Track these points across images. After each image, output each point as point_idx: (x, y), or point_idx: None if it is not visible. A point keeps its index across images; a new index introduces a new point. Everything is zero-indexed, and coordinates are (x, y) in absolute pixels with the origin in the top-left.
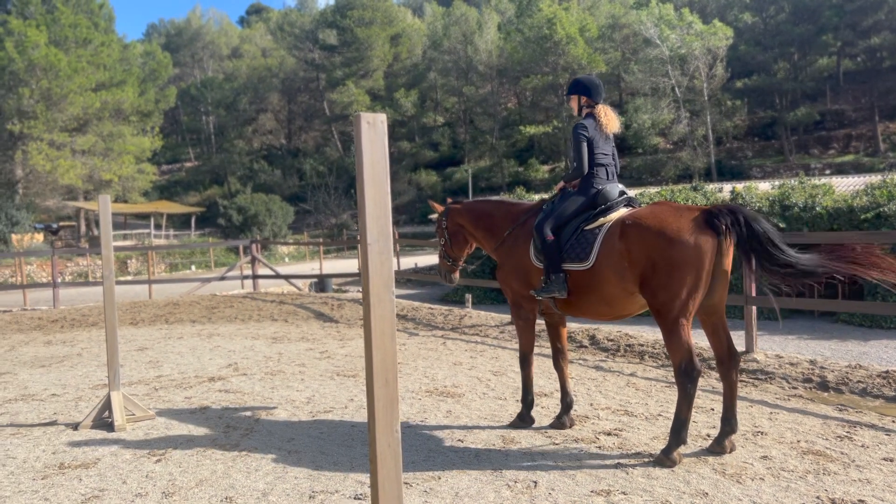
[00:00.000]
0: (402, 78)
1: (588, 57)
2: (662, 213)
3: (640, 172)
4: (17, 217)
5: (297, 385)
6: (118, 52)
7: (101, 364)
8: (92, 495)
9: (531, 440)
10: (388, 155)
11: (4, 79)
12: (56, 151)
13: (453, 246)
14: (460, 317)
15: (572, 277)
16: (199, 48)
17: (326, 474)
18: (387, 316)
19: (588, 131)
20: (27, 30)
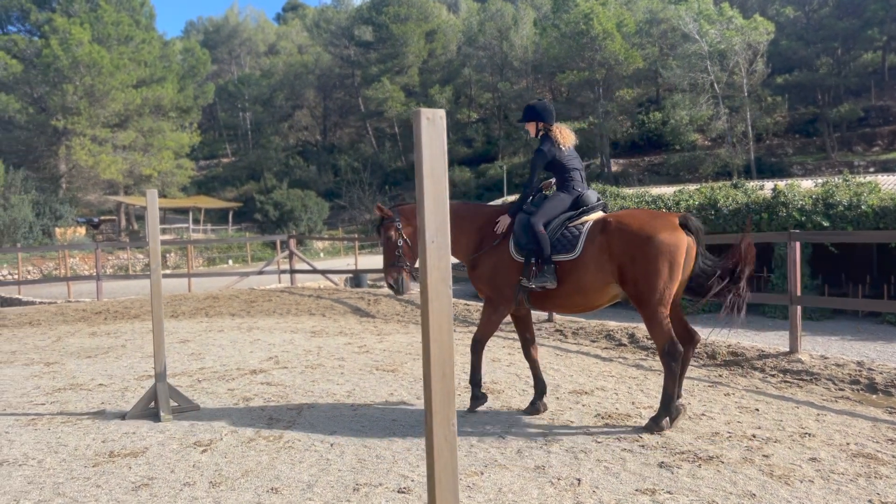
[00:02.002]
0: (437, 74)
1: (625, 52)
2: (641, 215)
3: (677, 169)
4: (61, 211)
5: (338, 379)
6: (158, 49)
7: (144, 355)
8: (141, 483)
9: (573, 438)
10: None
11: (49, 76)
12: (98, 147)
13: (414, 248)
14: None
15: (560, 267)
16: (237, 45)
17: (369, 467)
18: (444, 310)
19: (546, 155)
20: (71, 27)
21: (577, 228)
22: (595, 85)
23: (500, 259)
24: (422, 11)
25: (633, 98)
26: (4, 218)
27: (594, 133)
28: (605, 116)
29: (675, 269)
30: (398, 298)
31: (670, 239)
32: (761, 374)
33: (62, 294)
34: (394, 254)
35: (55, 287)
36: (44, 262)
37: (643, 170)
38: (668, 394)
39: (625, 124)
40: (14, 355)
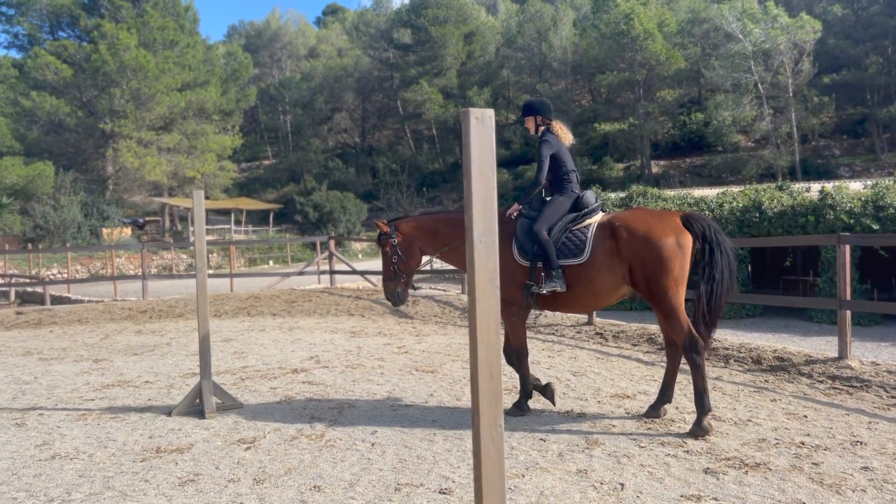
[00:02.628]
0: (475, 76)
1: (666, 52)
2: (646, 216)
3: (719, 171)
4: (108, 212)
5: (378, 379)
6: (202, 53)
7: (189, 354)
8: (188, 479)
9: (616, 442)
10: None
11: (98, 80)
12: (144, 149)
13: (409, 261)
14: (535, 315)
15: (570, 272)
16: (278, 49)
17: (410, 468)
18: (492, 310)
19: (552, 146)
20: (119, 33)
21: (581, 232)
22: (635, 86)
23: (505, 262)
24: (461, 13)
25: (675, 99)
26: (55, 218)
27: (634, 134)
28: (645, 117)
29: (683, 268)
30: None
31: (678, 240)
32: (809, 379)
33: (109, 293)
34: (390, 269)
35: (102, 286)
36: (91, 261)
37: (684, 171)
38: (699, 390)
39: (666, 125)
40: (64, 352)
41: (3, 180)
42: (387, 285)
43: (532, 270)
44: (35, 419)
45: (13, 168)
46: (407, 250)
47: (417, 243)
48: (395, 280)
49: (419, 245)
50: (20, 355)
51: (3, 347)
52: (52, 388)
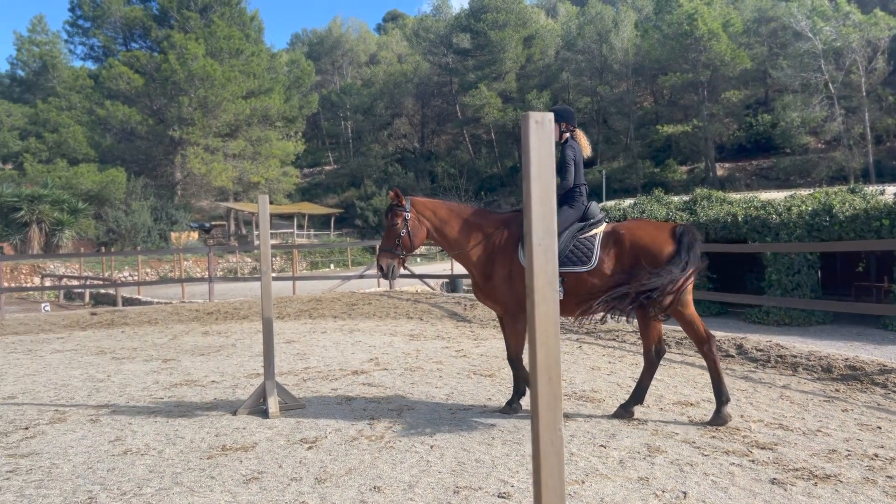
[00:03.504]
0: (535, 79)
1: (732, 53)
2: (647, 227)
3: (787, 173)
4: (176, 216)
5: (436, 382)
6: (266, 61)
7: (253, 355)
8: (252, 477)
9: (678, 450)
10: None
11: (167, 89)
12: (210, 155)
13: (413, 239)
14: (595, 321)
15: (571, 278)
16: (339, 56)
17: (469, 471)
18: (551, 314)
19: (576, 152)
20: (188, 43)
21: (588, 240)
22: (699, 87)
23: (514, 267)
24: (520, 17)
25: (740, 100)
26: (126, 223)
27: (698, 136)
28: (709, 119)
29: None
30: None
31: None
32: (883, 389)
33: (177, 295)
34: (394, 241)
35: (170, 288)
36: (160, 264)
37: (750, 174)
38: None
39: (731, 127)
40: (135, 351)
41: (78, 186)
42: (384, 256)
43: None
44: (108, 416)
45: (88, 174)
46: (415, 229)
47: (427, 226)
48: (393, 254)
49: (428, 228)
50: (94, 354)
51: (78, 347)
52: (123, 386)
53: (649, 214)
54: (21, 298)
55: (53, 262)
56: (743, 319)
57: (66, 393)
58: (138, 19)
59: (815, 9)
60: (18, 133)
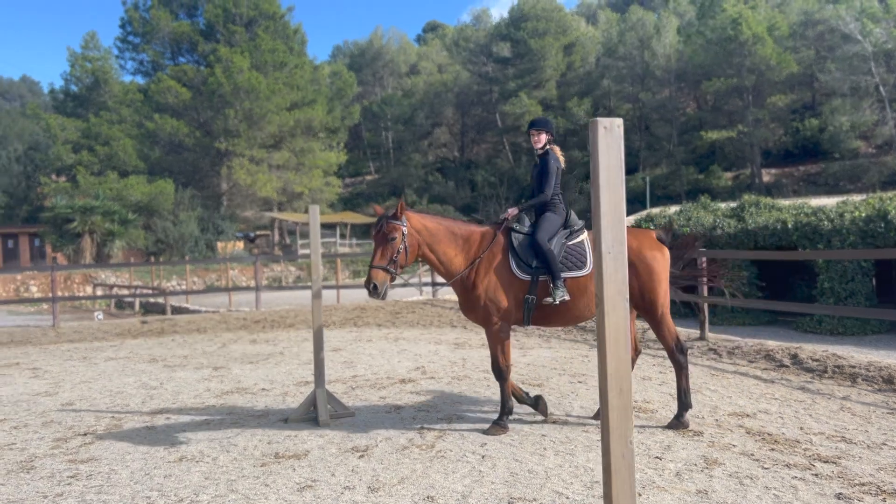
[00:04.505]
0: (575, 87)
1: (777, 57)
2: (633, 232)
3: (836, 179)
4: (222, 226)
5: (484, 391)
6: (309, 73)
7: (301, 363)
8: (305, 485)
9: (736, 462)
10: (624, 161)
11: (214, 101)
12: (255, 166)
13: (409, 256)
14: (643, 331)
15: (571, 284)
16: (380, 66)
17: (522, 482)
18: (621, 324)
19: (558, 163)
20: (233, 56)
21: (578, 246)
22: (744, 92)
23: (503, 278)
24: (560, 25)
25: (787, 104)
26: (174, 233)
27: (743, 142)
28: (755, 124)
29: (667, 278)
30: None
31: (662, 253)
32: None
33: (223, 303)
34: (391, 257)
35: (217, 297)
36: (207, 273)
37: (798, 180)
38: (682, 388)
39: (777, 132)
40: (186, 359)
41: (128, 197)
42: (377, 273)
43: (534, 284)
44: (163, 422)
45: (138, 186)
46: (412, 245)
47: (420, 242)
48: (387, 271)
49: (420, 244)
50: (147, 362)
51: (131, 354)
52: (176, 393)
53: (695, 221)
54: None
55: (104, 272)
56: (794, 328)
57: (121, 400)
58: (186, 34)
59: (865, 10)
60: (72, 146)
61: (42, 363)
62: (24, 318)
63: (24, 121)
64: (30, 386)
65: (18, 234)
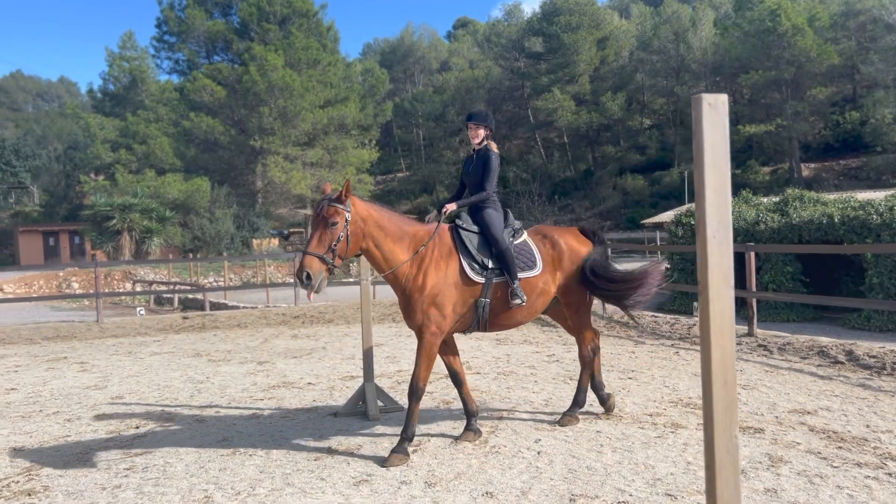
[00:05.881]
0: (609, 81)
1: (818, 48)
2: (567, 232)
3: (879, 173)
4: (258, 224)
5: (532, 387)
6: (342, 70)
7: (344, 357)
8: (361, 479)
9: (803, 461)
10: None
11: (248, 99)
12: (290, 164)
13: (351, 247)
14: (688, 326)
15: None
16: (411, 63)
17: (582, 478)
18: (726, 312)
19: (499, 159)
20: (267, 54)
21: (525, 246)
22: (782, 84)
23: (452, 282)
24: (593, 19)
25: (827, 97)
26: (210, 230)
27: (782, 136)
28: (794, 118)
29: None
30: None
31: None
32: None
33: (261, 300)
34: (329, 244)
35: (254, 293)
36: (243, 270)
37: (838, 174)
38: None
39: (816, 125)
40: (230, 354)
41: (166, 195)
42: (312, 261)
43: (487, 286)
44: (213, 416)
45: (175, 184)
46: (355, 234)
47: (364, 233)
48: (323, 261)
49: (364, 236)
50: (191, 356)
51: (175, 349)
52: (223, 387)
53: (738, 216)
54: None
55: (143, 269)
56: (841, 325)
57: (169, 393)
58: (220, 33)
59: None
60: (110, 145)
61: (89, 357)
62: (67, 313)
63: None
64: (79, 379)
65: (59, 232)
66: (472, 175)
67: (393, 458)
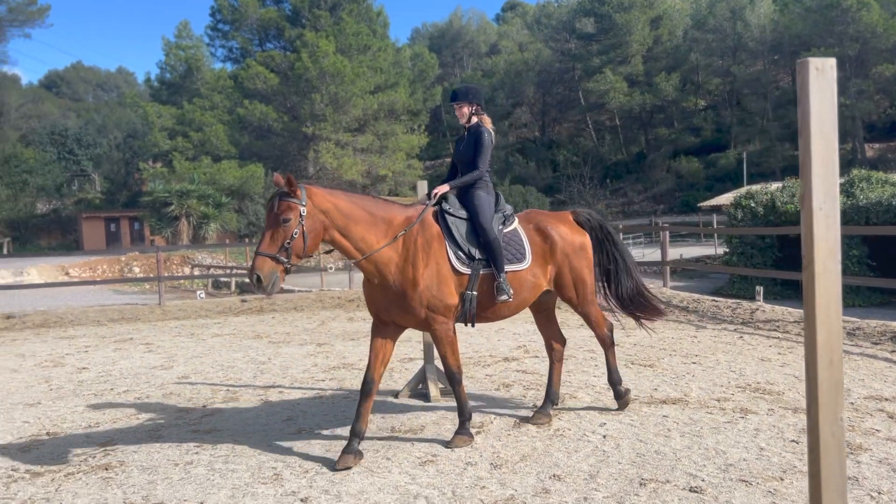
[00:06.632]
0: (662, 61)
1: (884, 23)
2: (561, 218)
3: None
4: None
5: (593, 371)
6: (392, 55)
7: (400, 340)
8: (426, 459)
9: (884, 448)
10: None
11: (300, 86)
12: (341, 150)
13: (308, 243)
14: (751, 311)
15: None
16: (460, 48)
17: (650, 463)
18: (832, 288)
19: (492, 137)
20: (319, 41)
21: (515, 235)
22: (846, 62)
23: (441, 271)
24: None
25: (893, 74)
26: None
27: (845, 115)
28: (857, 96)
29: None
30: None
31: (586, 239)
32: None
33: (315, 284)
34: (281, 243)
35: (308, 277)
36: None
37: None
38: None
39: (882, 104)
40: (289, 336)
41: (221, 181)
42: (263, 262)
43: (473, 278)
44: (276, 396)
45: (230, 171)
46: (313, 229)
47: (327, 224)
48: (276, 260)
49: (327, 227)
50: (251, 338)
51: (235, 331)
52: (285, 368)
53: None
54: (173, 287)
55: (201, 253)
56: None
57: (233, 374)
58: (273, 20)
59: None
60: (167, 133)
61: (154, 339)
62: (129, 297)
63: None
64: (146, 360)
65: (120, 218)
66: (463, 154)
67: (457, 439)
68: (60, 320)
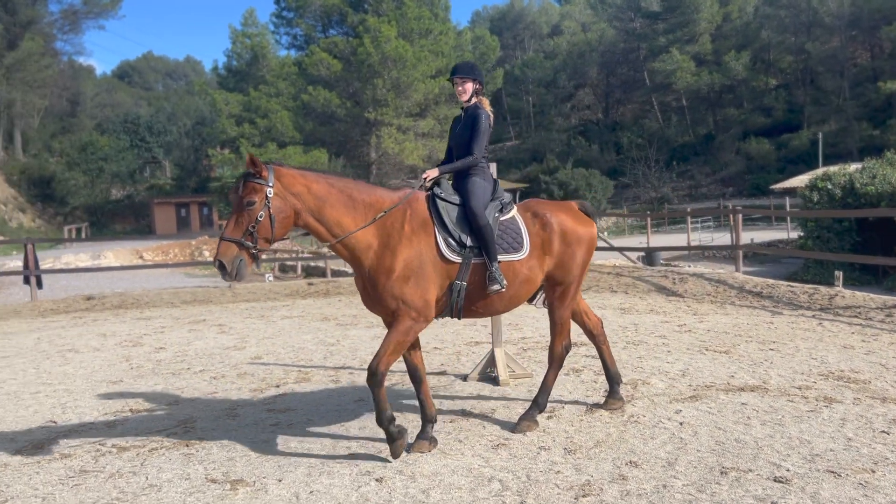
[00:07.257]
0: (732, 40)
1: None
2: (564, 208)
3: None
4: None
5: (666, 357)
6: (453, 39)
7: (466, 323)
8: (499, 443)
9: None
10: None
11: (363, 72)
12: (402, 135)
13: (276, 227)
14: (829, 296)
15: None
16: (521, 29)
17: (731, 451)
18: None
19: (490, 119)
20: (381, 26)
21: (512, 223)
22: None
23: (427, 259)
24: None
25: None
26: None
27: None
28: None
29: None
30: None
31: (594, 233)
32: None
33: None
34: (246, 227)
35: None
36: None
37: None
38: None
39: None
40: (356, 319)
41: None
42: (227, 248)
43: (464, 267)
44: (347, 377)
45: (295, 156)
46: (280, 211)
47: (298, 207)
48: (241, 245)
49: (299, 210)
50: (319, 321)
51: (304, 314)
52: (353, 350)
53: (882, 179)
54: None
55: None
56: None
57: (303, 355)
58: (335, 6)
59: None
60: (234, 120)
61: (225, 320)
62: (199, 279)
63: (190, 98)
64: (219, 341)
65: (190, 203)
66: (459, 136)
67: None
68: (137, 302)
